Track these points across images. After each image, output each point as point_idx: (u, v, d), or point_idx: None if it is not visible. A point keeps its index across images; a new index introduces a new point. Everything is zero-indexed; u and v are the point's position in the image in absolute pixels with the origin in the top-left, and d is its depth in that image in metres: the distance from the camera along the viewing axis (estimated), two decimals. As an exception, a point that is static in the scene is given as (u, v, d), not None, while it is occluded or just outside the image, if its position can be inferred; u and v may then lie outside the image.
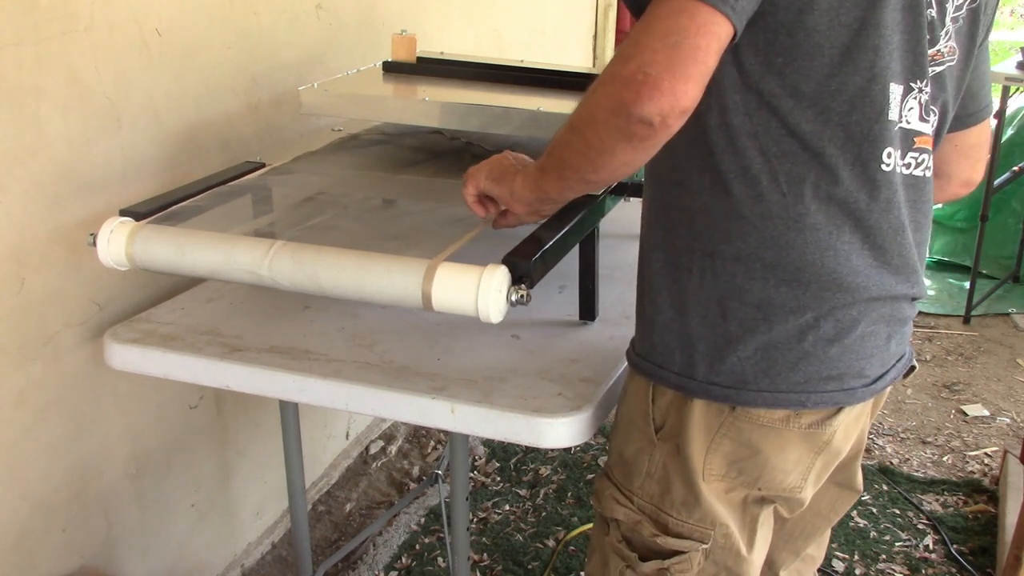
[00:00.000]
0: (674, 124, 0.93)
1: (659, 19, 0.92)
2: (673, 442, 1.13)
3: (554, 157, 1.10)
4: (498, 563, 2.25)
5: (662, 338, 1.11)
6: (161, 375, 1.42)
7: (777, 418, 1.08)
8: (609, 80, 0.95)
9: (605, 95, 0.95)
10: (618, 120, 0.94)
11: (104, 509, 1.67)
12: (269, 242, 1.29)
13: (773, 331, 1.05)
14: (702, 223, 1.06)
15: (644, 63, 0.91)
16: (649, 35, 0.92)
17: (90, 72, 1.49)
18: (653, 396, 1.14)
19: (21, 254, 1.43)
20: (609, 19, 3.97)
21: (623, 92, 0.92)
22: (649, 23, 0.92)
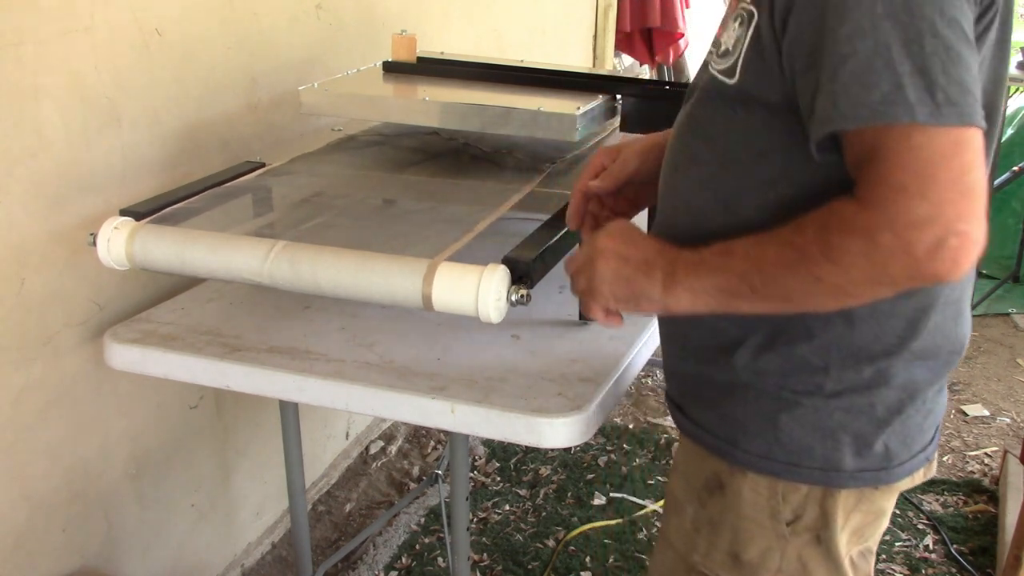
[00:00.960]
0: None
1: (944, 160, 0.79)
2: (812, 533, 1.06)
3: (757, 285, 0.90)
4: (498, 563, 2.25)
5: (791, 434, 1.02)
6: (161, 375, 1.42)
7: (906, 481, 1.07)
8: (903, 249, 0.80)
9: (900, 264, 0.81)
10: (913, 281, 0.83)
11: (104, 509, 1.67)
12: (269, 242, 1.29)
13: (914, 404, 1.03)
14: (846, 325, 0.98)
15: (950, 222, 0.79)
16: (937, 184, 0.79)
17: (90, 72, 1.49)
18: (783, 493, 1.05)
19: (21, 254, 1.43)
20: (609, 19, 3.96)
21: (933, 262, 0.80)
22: (930, 166, 0.79)
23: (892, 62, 0.80)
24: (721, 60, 0.97)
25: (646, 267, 0.97)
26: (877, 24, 0.81)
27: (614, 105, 1.69)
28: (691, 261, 0.94)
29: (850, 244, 0.83)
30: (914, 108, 0.80)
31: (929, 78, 0.80)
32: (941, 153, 0.80)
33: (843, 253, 0.83)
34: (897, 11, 0.80)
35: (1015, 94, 4.49)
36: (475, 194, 1.56)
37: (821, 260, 0.85)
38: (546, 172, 1.61)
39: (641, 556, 2.27)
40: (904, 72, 0.80)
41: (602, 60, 4.03)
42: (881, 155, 0.81)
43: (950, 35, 0.81)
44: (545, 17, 3.48)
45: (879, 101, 0.80)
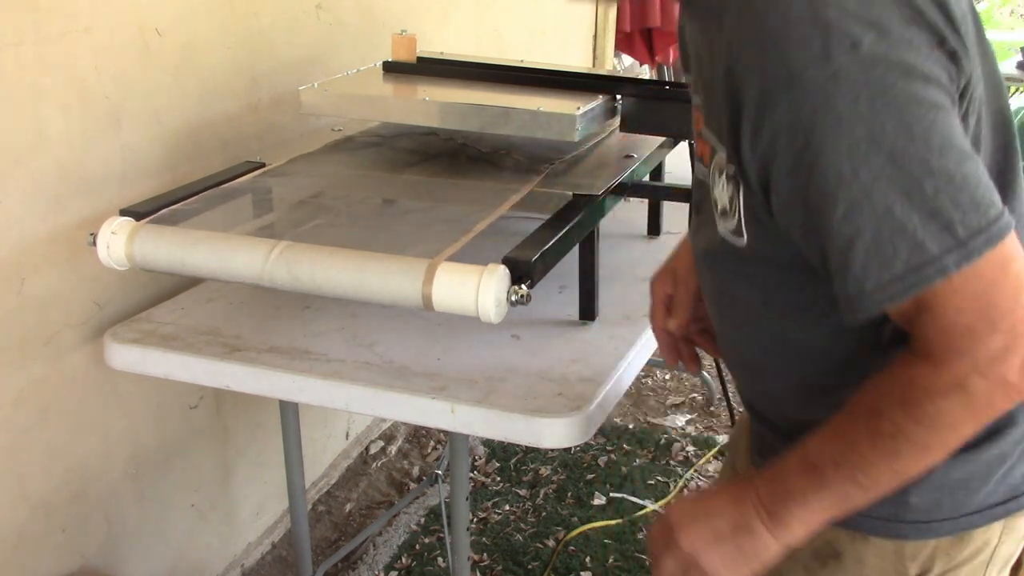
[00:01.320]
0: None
1: (995, 286, 0.77)
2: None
3: (867, 483, 0.84)
4: (498, 563, 2.25)
5: (920, 495, 0.95)
6: (161, 375, 1.42)
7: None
8: (998, 383, 0.78)
9: (1000, 397, 0.78)
10: (1017, 401, 0.80)
11: (104, 509, 1.67)
12: (269, 242, 1.29)
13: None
14: None
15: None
16: (1001, 310, 0.76)
17: (90, 72, 1.49)
18: (911, 553, 0.99)
19: (21, 254, 1.43)
20: (609, 19, 3.96)
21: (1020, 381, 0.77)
22: (985, 297, 0.77)
23: (900, 223, 0.76)
24: (723, 220, 0.93)
25: (743, 530, 0.89)
26: (869, 192, 0.76)
27: (614, 105, 1.69)
28: (779, 495, 0.87)
29: (945, 405, 0.79)
30: (941, 260, 0.75)
31: (943, 219, 0.75)
32: (989, 281, 0.76)
33: (942, 416, 0.79)
34: (884, 170, 0.75)
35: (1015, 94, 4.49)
36: (475, 194, 1.56)
37: (923, 432, 0.80)
38: (545, 173, 1.61)
39: (641, 556, 2.27)
40: (916, 226, 0.75)
41: (602, 60, 4.03)
42: (932, 310, 0.78)
43: (947, 163, 0.75)
44: (545, 17, 3.48)
45: (904, 271, 0.76)
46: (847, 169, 0.76)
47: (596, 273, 1.45)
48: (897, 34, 0.76)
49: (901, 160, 0.75)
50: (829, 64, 0.75)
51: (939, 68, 0.77)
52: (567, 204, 1.44)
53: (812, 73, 0.76)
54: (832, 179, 0.76)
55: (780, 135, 0.78)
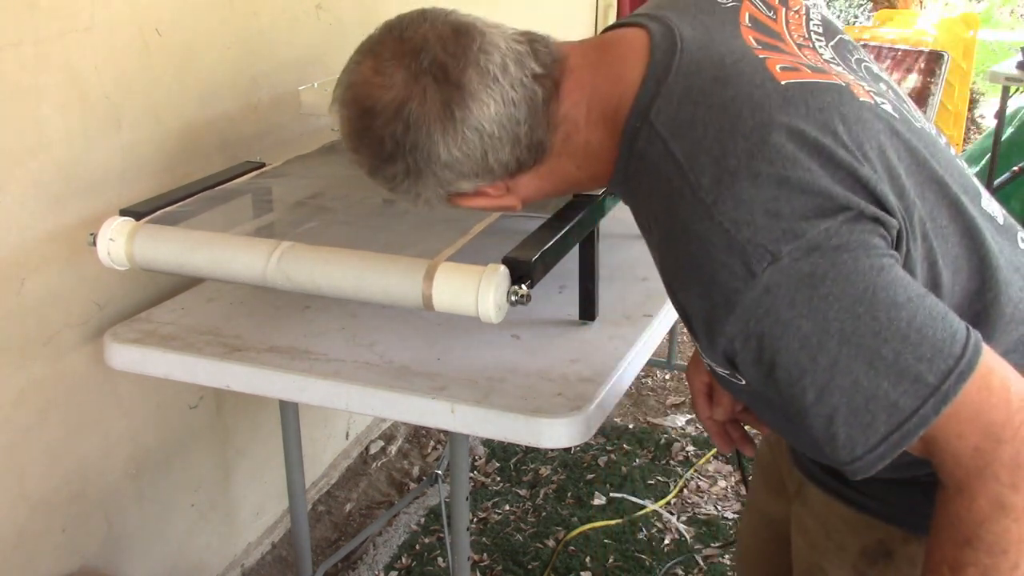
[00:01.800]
0: None
1: (985, 404, 0.79)
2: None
3: None
4: (498, 563, 2.25)
5: None
6: (161, 375, 1.42)
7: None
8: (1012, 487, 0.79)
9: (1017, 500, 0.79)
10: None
11: (104, 509, 1.67)
12: (270, 242, 1.29)
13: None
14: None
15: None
16: (999, 423, 0.79)
17: (90, 72, 1.49)
18: None
19: (21, 254, 1.43)
20: (609, 19, 3.97)
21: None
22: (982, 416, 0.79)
23: (871, 392, 0.78)
24: (718, 367, 0.92)
25: None
26: (832, 375, 0.78)
27: (614, 105, 1.69)
28: None
29: (998, 528, 0.80)
30: (920, 412, 0.78)
31: (911, 375, 0.77)
32: (977, 403, 0.78)
33: (1005, 537, 0.80)
34: (840, 351, 0.78)
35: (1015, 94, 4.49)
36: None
37: (1001, 559, 0.81)
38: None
39: (641, 556, 2.27)
40: (887, 390, 0.78)
41: (602, 60, 4.03)
42: (936, 444, 0.80)
43: (898, 325, 0.78)
44: (545, 17, 3.48)
45: (887, 433, 0.78)
46: (805, 361, 0.79)
47: (596, 273, 1.45)
48: (812, 232, 0.78)
49: (853, 339, 0.78)
50: (756, 282, 0.78)
51: (865, 236, 0.79)
52: (567, 204, 1.44)
53: (744, 293, 0.79)
54: (794, 372, 0.80)
55: (734, 342, 0.82)
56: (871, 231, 0.80)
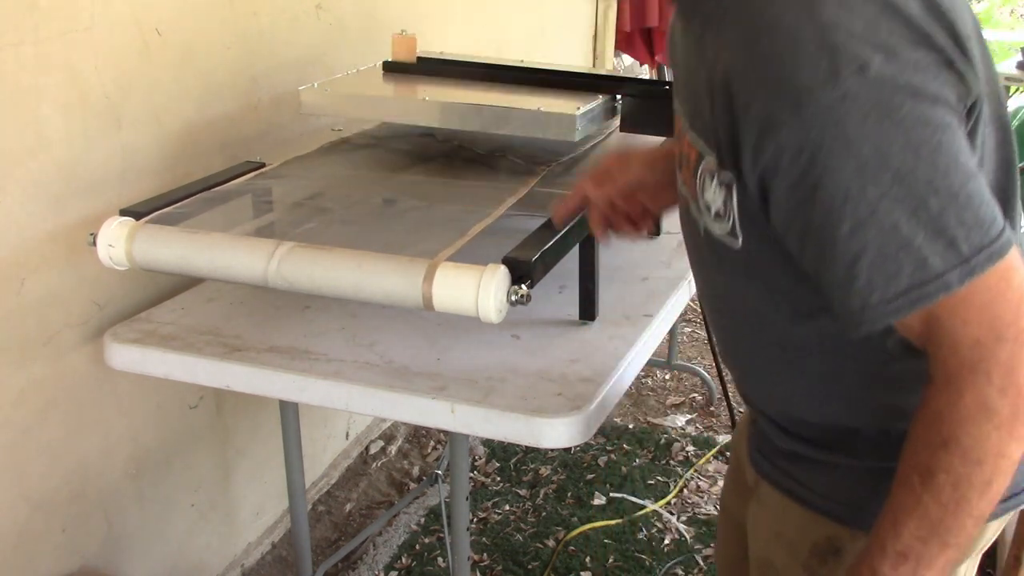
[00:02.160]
0: None
1: (999, 298, 0.78)
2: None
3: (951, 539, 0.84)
4: (498, 563, 2.25)
5: None
6: (161, 375, 1.42)
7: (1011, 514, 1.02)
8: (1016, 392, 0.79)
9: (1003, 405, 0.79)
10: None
11: (104, 509, 1.67)
12: (270, 242, 1.29)
13: None
14: None
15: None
16: (1005, 321, 0.78)
17: (90, 72, 1.49)
18: None
19: (21, 254, 1.43)
20: (609, 19, 3.96)
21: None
22: (989, 309, 0.78)
23: (906, 240, 0.77)
24: (717, 223, 0.93)
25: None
26: (876, 210, 0.77)
27: (614, 105, 1.69)
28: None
29: (979, 431, 0.79)
30: (945, 277, 0.77)
31: (947, 237, 0.77)
32: (993, 294, 0.78)
33: (983, 444, 0.80)
34: (891, 188, 0.77)
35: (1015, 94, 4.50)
36: (474, 194, 1.56)
37: (975, 469, 0.80)
38: (542, 175, 1.61)
39: (641, 556, 2.27)
40: (921, 244, 0.77)
41: (602, 60, 4.03)
42: (940, 325, 0.79)
43: (952, 182, 0.77)
44: (545, 17, 3.48)
45: (908, 287, 0.78)
46: (854, 188, 0.77)
47: (596, 273, 1.45)
48: (905, 56, 0.77)
49: (907, 179, 0.76)
50: (838, 86, 0.76)
51: (947, 89, 0.78)
52: (565, 203, 1.44)
53: (820, 94, 0.76)
54: (839, 197, 0.78)
55: (784, 153, 0.79)
56: (953, 86, 0.79)
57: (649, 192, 1.20)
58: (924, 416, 0.83)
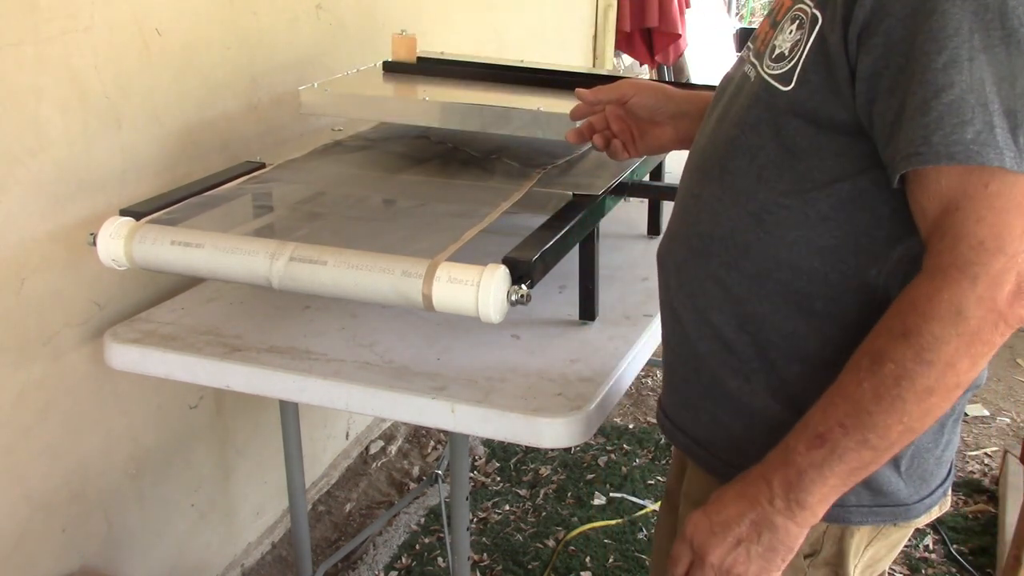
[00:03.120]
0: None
1: (1020, 210, 0.78)
2: (829, 568, 1.03)
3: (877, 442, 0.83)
4: (498, 563, 2.25)
5: None
6: (161, 375, 1.42)
7: (924, 517, 1.04)
8: (989, 307, 0.78)
9: (990, 323, 0.79)
10: (1005, 332, 0.80)
11: (104, 509, 1.67)
12: (270, 242, 1.29)
13: (932, 439, 1.00)
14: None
15: (1021, 270, 0.78)
16: (1013, 236, 0.78)
17: (90, 72, 1.49)
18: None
19: (21, 254, 1.43)
20: (609, 19, 3.96)
21: (1016, 309, 0.79)
22: (1007, 216, 0.78)
23: (985, 99, 0.77)
24: (775, 64, 0.92)
25: (765, 528, 0.89)
26: (974, 56, 0.78)
27: (614, 105, 1.69)
28: (792, 479, 0.86)
29: (941, 332, 0.79)
30: (1003, 152, 0.77)
31: (1015, 120, 0.78)
32: (1017, 203, 0.78)
33: (939, 347, 0.79)
34: (995, 45, 0.78)
35: None
36: (474, 194, 1.56)
37: (923, 370, 0.80)
38: (537, 178, 1.60)
39: (641, 556, 2.27)
40: (994, 111, 0.77)
41: (602, 60, 4.03)
42: (959, 204, 0.79)
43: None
44: (545, 17, 3.48)
45: (972, 140, 0.78)
46: (966, 28, 0.78)
47: (596, 273, 1.45)
48: None
49: (1011, 48, 0.78)
50: None
51: None
52: (567, 204, 1.44)
53: None
54: (950, 30, 0.78)
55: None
56: None
57: (641, 124, 1.29)
58: (897, 304, 0.83)
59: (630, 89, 1.27)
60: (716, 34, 5.20)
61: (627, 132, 1.32)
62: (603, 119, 1.31)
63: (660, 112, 1.27)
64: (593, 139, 1.32)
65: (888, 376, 0.81)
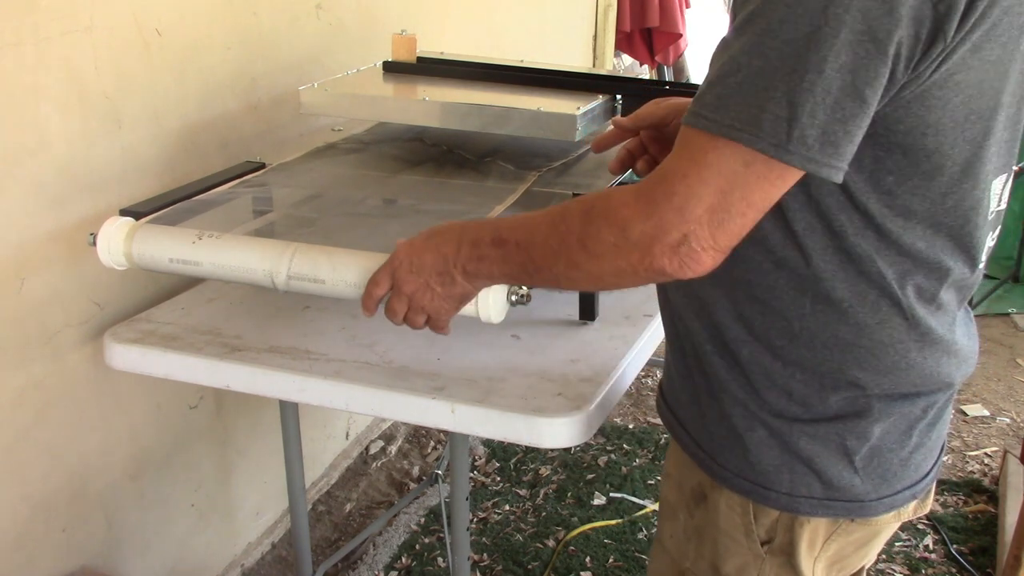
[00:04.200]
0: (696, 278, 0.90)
1: (735, 177, 0.84)
2: (785, 557, 1.05)
3: (532, 272, 1.00)
4: (498, 563, 2.25)
5: (759, 455, 1.01)
6: (161, 375, 1.42)
7: (891, 516, 1.05)
8: (646, 245, 0.87)
9: (638, 256, 0.88)
10: (633, 262, 0.89)
11: (104, 509, 1.67)
12: (270, 242, 1.29)
13: (894, 439, 1.01)
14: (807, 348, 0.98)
15: (689, 232, 0.85)
16: (700, 201, 0.85)
17: (90, 72, 1.49)
18: (755, 514, 1.05)
19: (21, 254, 1.43)
20: (609, 19, 3.96)
21: (663, 259, 0.87)
22: (703, 169, 0.85)
23: (769, 86, 0.81)
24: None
25: (447, 279, 1.08)
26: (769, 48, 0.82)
27: (614, 105, 1.69)
28: (473, 259, 1.04)
29: (604, 235, 0.90)
30: (765, 130, 0.82)
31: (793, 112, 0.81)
32: (733, 169, 0.83)
33: (596, 241, 0.91)
34: (799, 41, 0.80)
35: None
36: (474, 194, 1.56)
37: (578, 249, 0.93)
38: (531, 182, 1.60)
39: (641, 556, 2.27)
40: (775, 98, 0.81)
41: (602, 60, 4.03)
42: (681, 148, 0.87)
43: (837, 82, 0.80)
44: (545, 17, 3.48)
45: (738, 110, 0.83)
46: (775, 18, 0.81)
47: (596, 273, 1.45)
48: None
49: (817, 43, 0.79)
50: None
51: (908, 21, 0.80)
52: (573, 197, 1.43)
53: None
54: (760, 20, 0.82)
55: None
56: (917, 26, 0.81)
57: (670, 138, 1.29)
58: (605, 192, 0.94)
59: (669, 113, 1.25)
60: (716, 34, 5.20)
61: (665, 153, 1.30)
62: (639, 143, 1.29)
63: None
64: (637, 166, 1.29)
65: (557, 234, 0.95)
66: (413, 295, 1.10)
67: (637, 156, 1.29)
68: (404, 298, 1.11)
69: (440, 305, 1.10)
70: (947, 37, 0.82)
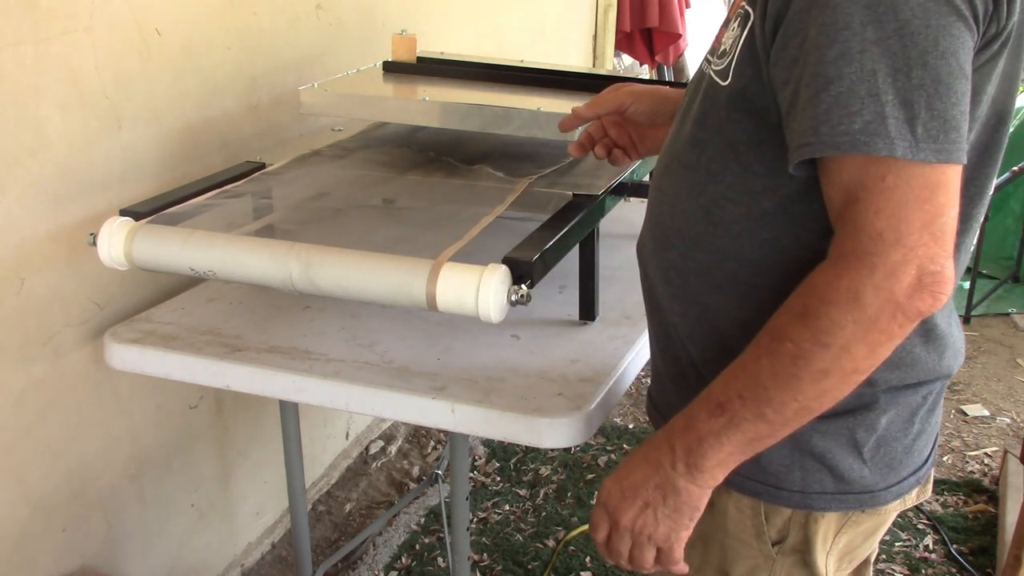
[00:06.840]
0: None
1: (918, 203, 0.79)
2: (798, 555, 1.04)
3: (772, 416, 0.86)
4: (498, 563, 2.25)
5: (770, 456, 0.98)
6: (161, 375, 1.42)
7: (897, 504, 1.05)
8: (887, 297, 0.79)
9: (888, 314, 0.80)
10: (905, 324, 0.81)
11: (104, 509, 1.67)
12: (270, 242, 1.29)
13: (899, 428, 1.01)
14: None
15: (922, 264, 0.79)
16: (911, 228, 0.78)
17: (90, 72, 1.49)
18: (767, 514, 1.03)
19: (21, 254, 1.43)
20: (609, 19, 3.96)
21: (915, 301, 0.80)
22: (904, 209, 0.79)
23: (877, 91, 0.79)
24: (718, 61, 0.96)
25: (670, 491, 0.92)
26: (866, 49, 0.79)
27: (614, 105, 1.69)
28: (693, 444, 0.89)
29: (839, 317, 0.80)
30: (893, 142, 0.78)
31: (912, 111, 0.78)
32: (915, 195, 0.79)
33: (836, 331, 0.81)
34: (888, 37, 0.78)
35: (1015, 94, 4.48)
36: (474, 194, 1.56)
37: (819, 352, 0.82)
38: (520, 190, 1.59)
39: (641, 556, 2.27)
40: (888, 102, 0.78)
41: (602, 60, 4.03)
42: (859, 196, 0.80)
43: (941, 67, 0.79)
44: (545, 17, 3.48)
45: (860, 130, 0.79)
46: (857, 21, 0.79)
47: (596, 273, 1.45)
48: None
49: (906, 39, 0.78)
50: None
51: (971, 4, 0.80)
52: (567, 204, 1.44)
53: None
54: (840, 22, 0.80)
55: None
56: (984, 4, 0.81)
57: (639, 128, 1.30)
58: (801, 288, 0.85)
59: (627, 98, 1.27)
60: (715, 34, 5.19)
61: (626, 138, 1.33)
62: (600, 128, 1.32)
63: (659, 115, 1.27)
64: (595, 150, 1.32)
65: (786, 355, 0.83)
66: (634, 526, 0.94)
67: (597, 139, 1.31)
68: (625, 533, 0.95)
69: (668, 527, 0.93)
70: (1000, 20, 0.83)
